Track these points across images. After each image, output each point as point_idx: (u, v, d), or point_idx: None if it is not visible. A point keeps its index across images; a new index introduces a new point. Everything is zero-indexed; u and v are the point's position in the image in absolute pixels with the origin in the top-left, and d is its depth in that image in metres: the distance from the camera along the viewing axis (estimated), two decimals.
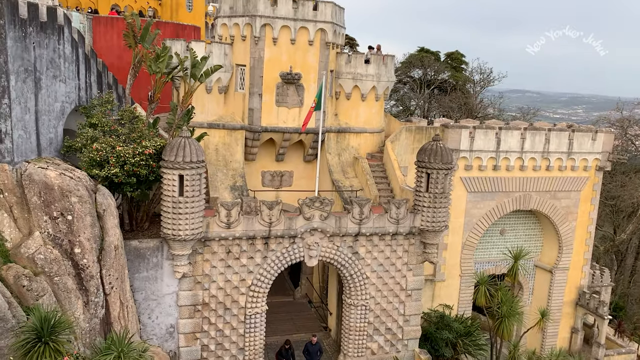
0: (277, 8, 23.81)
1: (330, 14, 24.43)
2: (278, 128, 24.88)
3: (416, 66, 55.97)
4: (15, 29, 15.23)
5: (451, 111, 50.43)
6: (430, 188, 21.22)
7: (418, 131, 27.02)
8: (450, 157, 21.17)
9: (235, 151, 24.98)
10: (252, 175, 26.10)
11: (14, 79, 15.31)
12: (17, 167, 15.60)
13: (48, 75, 16.93)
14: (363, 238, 21.20)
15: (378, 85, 26.47)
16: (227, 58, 24.56)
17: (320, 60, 24.72)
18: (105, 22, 28.18)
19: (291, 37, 24.09)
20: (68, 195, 15.48)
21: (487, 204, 27.91)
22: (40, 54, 16.47)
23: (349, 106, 26.59)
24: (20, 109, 15.70)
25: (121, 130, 18.11)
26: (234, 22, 24.51)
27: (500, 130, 27.76)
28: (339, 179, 25.59)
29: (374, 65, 26.25)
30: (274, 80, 24.37)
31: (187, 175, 17.59)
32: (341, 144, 26.61)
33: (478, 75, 56.36)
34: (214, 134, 24.51)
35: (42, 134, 16.91)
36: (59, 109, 17.74)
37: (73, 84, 18.50)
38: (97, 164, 17.07)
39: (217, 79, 24.23)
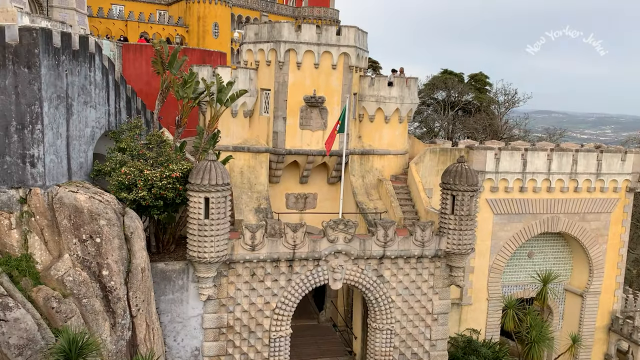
0: (301, 33, 24.19)
1: (353, 38, 24.70)
2: (302, 151, 25.05)
3: (440, 88, 55.97)
4: (49, 58, 15.79)
5: (476, 132, 50.10)
6: (455, 210, 21.01)
7: (442, 153, 26.89)
8: (475, 178, 20.97)
9: (260, 174, 25.20)
10: (276, 198, 26.24)
11: (47, 105, 15.82)
12: (48, 190, 16.01)
13: (79, 101, 17.44)
14: (388, 261, 21.02)
15: (401, 107, 26.52)
16: (252, 83, 24.97)
17: (344, 84, 24.93)
18: (135, 49, 28.96)
19: (315, 62, 24.40)
20: (97, 218, 15.79)
21: (514, 226, 27.47)
22: (72, 81, 17.00)
23: (373, 128, 26.66)
24: (52, 134, 16.17)
25: (149, 154, 18.48)
26: (259, 48, 24.96)
27: (526, 151, 27.46)
28: (363, 201, 25.54)
29: (397, 88, 26.36)
30: (298, 103, 24.64)
31: (213, 198, 17.80)
32: (365, 166, 26.63)
33: (502, 97, 56.06)
34: (239, 157, 24.80)
35: (73, 159, 17.35)
36: (89, 134, 18.21)
37: (103, 109, 19.01)
38: (125, 188, 17.41)
39: (243, 103, 24.62)
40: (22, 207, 15.65)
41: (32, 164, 15.73)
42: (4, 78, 15.13)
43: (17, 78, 15.21)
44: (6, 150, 15.46)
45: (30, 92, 15.36)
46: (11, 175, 15.63)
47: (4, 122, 15.31)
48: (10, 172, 15.61)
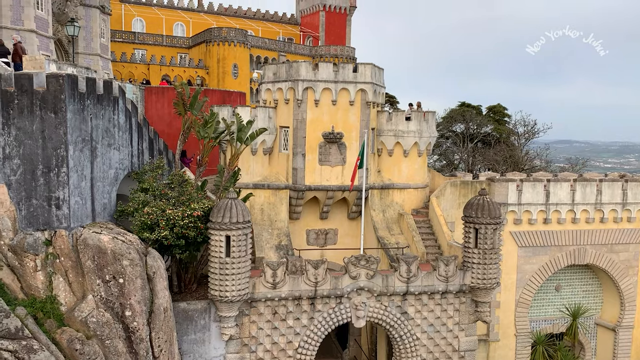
0: (319, 72, 24.60)
1: (370, 74, 25.02)
2: (322, 186, 25.12)
3: (458, 121, 56.00)
4: (75, 103, 16.28)
5: (496, 164, 49.73)
6: (479, 244, 20.70)
7: (463, 185, 26.70)
8: (498, 211, 20.72)
9: (280, 210, 25.26)
10: (296, 234, 26.20)
11: (72, 148, 16.22)
12: (73, 232, 16.24)
13: (103, 144, 17.85)
14: (412, 297, 20.67)
15: (420, 141, 26.56)
16: (271, 121, 25.33)
17: (362, 119, 25.13)
18: (157, 91, 29.73)
19: (332, 99, 24.71)
20: (120, 259, 15.93)
21: (539, 259, 26.90)
22: (97, 124, 17.46)
23: (392, 162, 26.67)
24: (77, 176, 16.52)
25: (171, 194, 18.71)
26: (278, 87, 25.41)
27: (548, 182, 27.11)
28: (384, 236, 25.34)
29: (415, 122, 26.46)
30: (317, 140, 24.85)
31: (234, 236, 17.85)
32: (385, 201, 26.53)
33: (522, 128, 55.79)
34: (259, 194, 24.95)
35: (97, 200, 17.65)
36: (113, 175, 18.56)
37: (126, 151, 19.41)
38: (147, 227, 17.59)
39: (262, 141, 24.92)
40: (47, 249, 15.88)
41: (58, 206, 16.03)
42: (32, 123, 15.62)
43: (44, 123, 15.69)
44: (33, 193, 15.82)
45: (57, 136, 15.79)
46: (37, 218, 15.94)
47: (31, 166, 15.71)
48: (36, 215, 15.92)
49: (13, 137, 15.53)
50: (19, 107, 15.50)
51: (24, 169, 15.69)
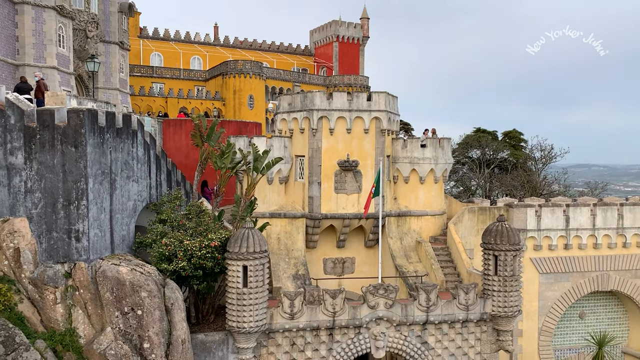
0: (333, 101, 24.86)
1: (384, 103, 25.20)
2: (338, 215, 25.08)
3: (474, 146, 55.82)
4: (95, 137, 16.63)
5: (514, 190, 49.26)
6: (499, 271, 20.40)
7: (481, 212, 26.46)
8: (517, 237, 20.46)
9: (297, 239, 25.23)
10: (313, 263, 26.08)
11: (92, 181, 16.50)
12: (92, 264, 16.39)
13: (122, 176, 18.13)
14: (432, 326, 20.32)
15: (436, 167, 26.50)
16: (287, 150, 25.53)
17: (377, 147, 25.21)
18: (175, 124, 30.24)
19: (347, 127, 24.88)
20: (138, 290, 15.98)
21: (561, 286, 26.34)
22: (116, 157, 17.78)
23: (408, 190, 26.60)
24: (96, 209, 16.75)
25: (188, 225, 18.83)
26: (293, 117, 25.69)
27: (568, 207, 26.75)
28: (402, 264, 25.10)
29: (430, 149, 26.46)
30: (332, 168, 24.94)
31: (251, 266, 17.83)
32: (402, 228, 26.36)
33: (539, 152, 55.37)
34: (276, 223, 24.98)
35: (116, 232, 17.84)
36: (132, 207, 18.78)
37: (145, 183, 19.68)
38: (165, 259, 17.68)
39: (278, 170, 25.09)
40: (67, 282, 16.02)
41: (77, 239, 16.23)
42: (53, 157, 15.96)
43: (65, 157, 16.02)
44: (53, 226, 16.05)
45: (77, 169, 16.10)
46: (57, 250, 16.14)
47: (52, 199, 15.99)
48: (56, 247, 16.12)
49: (35, 171, 15.87)
50: (41, 141, 15.88)
51: (45, 202, 15.97)
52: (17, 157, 15.82)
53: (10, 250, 15.60)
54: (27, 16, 31.41)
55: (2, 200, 15.84)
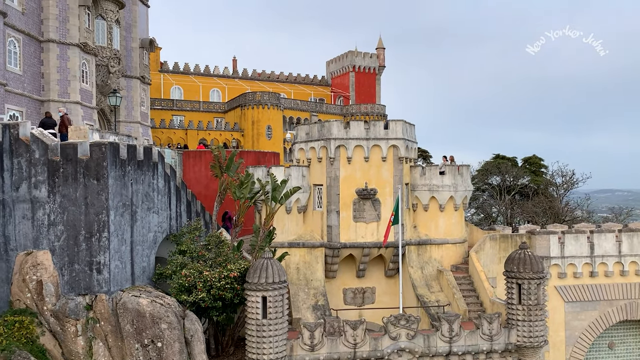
0: (350, 130, 25.00)
1: (401, 130, 25.25)
2: (357, 244, 24.92)
3: (493, 173, 55.36)
4: (116, 169, 16.91)
5: (536, 216, 48.51)
6: (523, 300, 19.94)
7: (503, 239, 26.05)
8: (540, 265, 20.05)
9: (316, 269, 25.06)
10: (333, 294, 25.81)
11: (113, 213, 16.71)
12: (113, 296, 16.45)
13: (143, 208, 18.33)
14: (455, 357, 19.84)
15: (455, 195, 26.29)
16: (305, 179, 25.61)
17: (395, 175, 25.16)
18: (194, 155, 30.62)
19: (365, 155, 24.92)
20: (158, 322, 15.96)
21: (588, 315, 25.62)
22: (137, 189, 18.01)
23: (428, 218, 26.37)
24: (117, 240, 16.91)
25: (208, 255, 18.87)
26: (310, 146, 25.85)
27: (592, 233, 26.22)
28: (423, 293, 24.71)
29: (449, 176, 26.31)
30: (351, 196, 24.91)
31: (270, 297, 17.71)
32: (423, 257, 26.05)
33: (560, 178, 54.64)
34: (295, 253, 24.89)
35: (136, 263, 17.94)
36: (152, 238, 18.92)
37: (165, 214, 19.85)
38: (185, 290, 17.67)
39: (296, 199, 25.13)
40: (88, 314, 16.08)
41: (99, 271, 16.36)
42: (75, 190, 16.24)
43: (87, 189, 16.30)
44: (75, 258, 16.22)
45: (99, 202, 16.34)
46: (79, 283, 16.26)
47: (74, 231, 16.21)
48: (78, 280, 16.25)
49: (58, 204, 16.15)
50: (64, 175, 16.20)
51: (67, 234, 16.19)
52: (41, 190, 16.14)
53: (33, 283, 15.78)
54: (52, 54, 32.44)
55: (26, 234, 16.10)
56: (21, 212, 16.14)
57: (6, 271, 16.04)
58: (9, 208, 16.05)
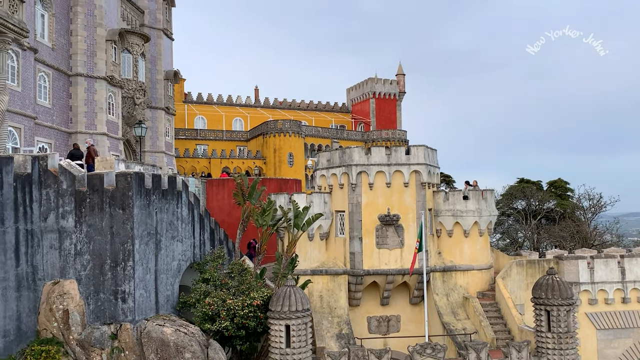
0: (371, 156, 25.02)
1: (423, 156, 25.18)
2: (380, 270, 24.67)
3: (518, 197, 54.56)
4: (141, 199, 17.18)
5: (563, 241, 47.47)
6: (552, 327, 19.40)
7: (530, 265, 25.52)
8: (569, 291, 19.54)
9: (339, 297, 24.83)
10: (357, 322, 25.48)
11: (138, 242, 16.90)
12: (137, 325, 16.52)
13: (167, 236, 18.51)
14: None
15: (480, 220, 25.95)
16: (327, 206, 25.61)
17: (417, 200, 24.99)
18: (217, 183, 30.98)
19: (386, 181, 24.86)
20: (182, 352, 15.93)
21: (622, 343, 24.75)
22: (161, 218, 18.23)
23: (452, 243, 26.03)
24: (142, 269, 17.06)
25: (231, 283, 18.88)
26: (332, 173, 25.92)
27: (622, 258, 25.52)
28: (449, 321, 24.23)
29: (473, 201, 26.03)
30: (373, 223, 24.77)
31: (294, 325, 17.57)
32: (448, 284, 25.62)
33: (587, 202, 53.57)
34: (317, 281, 24.73)
35: (161, 292, 18.03)
36: (176, 267, 19.04)
37: (189, 242, 20.01)
38: (209, 318, 17.65)
39: (318, 226, 25.09)
40: (113, 343, 16.15)
41: (123, 300, 16.48)
42: (101, 220, 16.52)
43: (113, 219, 16.56)
44: (100, 287, 16.40)
45: (124, 231, 16.56)
46: (104, 312, 16.39)
47: (100, 260, 16.42)
48: (103, 309, 16.39)
49: (84, 234, 16.42)
50: (91, 205, 16.51)
51: (93, 264, 16.41)
52: (68, 220, 16.45)
53: (60, 312, 15.96)
54: (80, 87, 33.42)
55: (53, 263, 16.37)
56: (49, 242, 16.44)
57: (34, 300, 16.27)
58: (37, 238, 16.37)
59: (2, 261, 15.60)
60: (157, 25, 45.14)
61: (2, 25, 22.34)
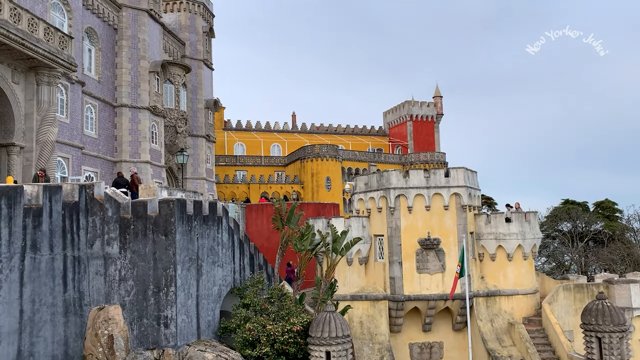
0: (410, 179, 24.85)
1: (463, 178, 24.83)
2: (422, 296, 24.22)
3: (563, 219, 52.96)
4: (183, 225, 17.51)
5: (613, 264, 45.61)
6: (604, 355, 18.52)
7: (578, 289, 24.60)
8: (621, 316, 18.68)
9: (380, 323, 24.46)
10: (399, 349, 24.98)
11: (180, 268, 17.17)
12: (179, 350, 16.67)
13: (208, 262, 18.75)
14: None
15: (524, 243, 25.26)
16: (365, 230, 25.46)
17: (458, 224, 24.57)
18: (256, 209, 31.29)
19: (426, 204, 24.58)
20: None
21: None
22: (202, 243, 18.50)
23: (495, 267, 25.38)
24: (184, 295, 17.28)
25: (271, 309, 18.88)
26: (370, 196, 25.82)
27: None
28: (494, 348, 23.47)
29: (516, 223, 25.41)
30: (413, 247, 24.45)
31: (334, 352, 17.38)
32: (492, 309, 24.91)
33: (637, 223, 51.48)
34: (357, 306, 24.47)
35: (202, 317, 18.19)
36: (217, 292, 19.21)
37: (229, 267, 20.19)
38: (249, 344, 17.66)
39: (357, 250, 24.94)
40: None
41: (166, 325, 16.69)
42: (145, 246, 16.88)
43: (156, 245, 16.90)
44: (144, 313, 16.67)
45: (166, 257, 16.87)
46: (147, 337, 16.62)
47: (143, 286, 16.74)
48: (146, 334, 16.63)
49: (128, 260, 16.80)
50: (134, 231, 16.92)
51: (136, 289, 16.73)
52: (113, 247, 16.88)
53: (105, 338, 16.28)
54: (125, 117, 34.66)
55: (98, 289, 16.78)
56: (95, 268, 16.89)
57: (80, 326, 16.67)
58: (84, 265, 16.85)
59: (51, 287, 16.09)
60: (197, 56, 46.61)
61: (53, 60, 23.50)
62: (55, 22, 27.28)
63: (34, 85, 23.73)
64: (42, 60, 22.95)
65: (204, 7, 47.60)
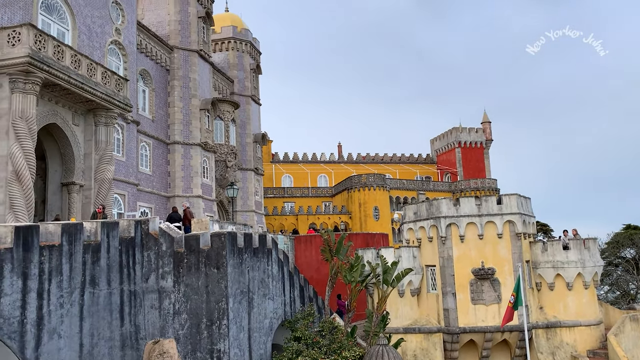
0: (460, 207, 24.35)
1: (516, 205, 24.14)
2: (477, 328, 23.40)
3: (626, 245, 50.37)
4: (234, 257, 17.73)
5: None
6: None
7: None
8: None
9: (435, 356, 23.72)
10: None
11: (232, 301, 17.32)
12: None
13: (259, 294, 18.84)
14: None
15: (584, 271, 24.13)
16: (416, 260, 25.00)
17: (513, 252, 23.78)
18: (305, 240, 31.36)
19: (478, 233, 23.97)
20: None
21: None
22: (253, 276, 18.65)
23: (554, 297, 24.30)
24: (236, 328, 17.38)
25: (322, 342, 18.70)
26: (420, 226, 25.43)
27: None
28: None
29: (574, 251, 24.36)
30: (467, 277, 23.78)
31: None
32: (553, 341, 23.74)
33: None
34: (411, 339, 23.86)
35: (254, 351, 18.19)
36: (268, 325, 19.22)
37: (279, 300, 20.21)
38: None
39: (409, 281, 24.47)
40: None
41: (219, 358, 16.77)
42: (197, 279, 17.17)
43: (208, 278, 17.15)
44: (197, 346, 16.83)
45: (219, 290, 17.07)
46: None
47: (196, 319, 16.95)
48: None
49: (182, 294, 17.10)
50: (188, 265, 17.26)
51: (190, 323, 16.96)
52: (167, 280, 17.25)
53: None
54: (177, 154, 35.84)
55: (153, 322, 17.11)
56: (150, 302, 17.27)
57: (136, 359, 16.97)
58: (140, 298, 17.26)
59: (108, 321, 16.55)
60: (245, 92, 47.98)
61: (110, 102, 24.72)
62: (111, 65, 28.78)
63: (92, 126, 24.97)
64: (100, 102, 24.18)
65: (251, 45, 49.17)
